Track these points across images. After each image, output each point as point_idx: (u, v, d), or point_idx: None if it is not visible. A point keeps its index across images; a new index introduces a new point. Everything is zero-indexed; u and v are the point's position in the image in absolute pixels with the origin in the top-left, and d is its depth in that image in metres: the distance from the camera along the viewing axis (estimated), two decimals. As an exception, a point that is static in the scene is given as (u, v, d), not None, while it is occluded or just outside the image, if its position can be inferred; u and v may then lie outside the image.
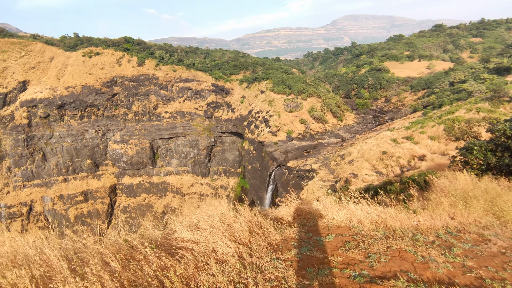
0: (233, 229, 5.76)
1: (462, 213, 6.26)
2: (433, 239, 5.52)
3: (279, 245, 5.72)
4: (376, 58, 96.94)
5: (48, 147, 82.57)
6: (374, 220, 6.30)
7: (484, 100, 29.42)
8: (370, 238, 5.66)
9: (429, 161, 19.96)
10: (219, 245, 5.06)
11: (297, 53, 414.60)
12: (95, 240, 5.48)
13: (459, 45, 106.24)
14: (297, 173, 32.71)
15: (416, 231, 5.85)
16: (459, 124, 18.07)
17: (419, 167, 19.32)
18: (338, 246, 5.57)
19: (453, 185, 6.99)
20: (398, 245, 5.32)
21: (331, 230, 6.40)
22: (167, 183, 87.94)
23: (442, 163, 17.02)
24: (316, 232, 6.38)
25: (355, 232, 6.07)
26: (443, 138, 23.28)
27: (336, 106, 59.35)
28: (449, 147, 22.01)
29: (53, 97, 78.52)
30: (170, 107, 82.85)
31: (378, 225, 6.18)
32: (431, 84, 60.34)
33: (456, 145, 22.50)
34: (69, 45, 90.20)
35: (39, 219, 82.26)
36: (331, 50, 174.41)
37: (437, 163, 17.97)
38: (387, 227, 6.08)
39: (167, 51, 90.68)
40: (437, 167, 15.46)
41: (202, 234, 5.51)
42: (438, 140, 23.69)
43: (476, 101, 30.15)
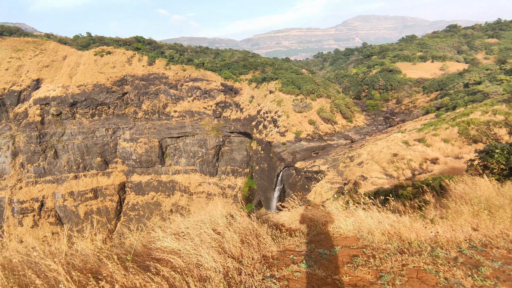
0: (224, 238, 5.17)
1: (486, 224, 5.57)
2: (455, 255, 4.82)
3: (276, 259, 5.07)
4: (388, 59, 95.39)
5: (60, 144, 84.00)
6: (386, 231, 5.65)
7: (501, 102, 28.31)
8: (382, 253, 4.98)
9: (442, 165, 19.27)
10: (204, 259, 4.40)
11: (307, 54, 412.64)
12: (54, 250, 4.59)
13: (474, 46, 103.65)
14: (305, 175, 32.25)
15: (435, 244, 5.18)
16: (477, 126, 17.15)
17: (431, 170, 18.66)
18: (344, 261, 4.91)
19: (473, 191, 6.37)
20: (415, 262, 4.61)
21: (337, 240, 5.80)
22: (175, 182, 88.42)
23: (457, 166, 16.37)
24: (320, 243, 5.75)
25: (364, 244, 5.44)
26: (457, 140, 22.43)
27: (345, 107, 58.53)
28: (464, 150, 21.25)
29: (65, 95, 79.82)
30: (179, 106, 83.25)
31: (391, 236, 5.54)
32: (445, 85, 58.89)
33: (471, 148, 21.73)
34: (81, 44, 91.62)
35: (50, 214, 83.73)
36: (341, 50, 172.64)
37: (451, 166, 17.29)
38: (401, 239, 5.43)
39: (177, 51, 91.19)
40: (451, 171, 14.83)
41: (187, 243, 4.86)
42: (452, 143, 22.90)
43: (492, 103, 29.06)
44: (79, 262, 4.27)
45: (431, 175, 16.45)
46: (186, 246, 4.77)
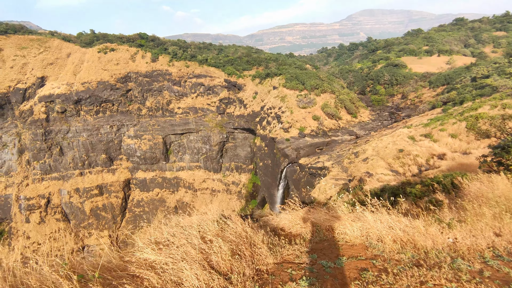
0: (212, 250, 4.52)
1: (510, 228, 4.93)
2: (480, 267, 4.15)
3: (271, 274, 4.39)
4: (393, 53, 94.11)
5: (65, 142, 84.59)
6: (398, 237, 5.03)
7: (511, 95, 27.64)
8: (395, 265, 4.29)
9: (449, 160, 18.82)
10: (185, 276, 3.76)
11: (311, 49, 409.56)
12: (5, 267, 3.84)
13: (481, 39, 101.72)
14: (309, 171, 31.92)
15: (454, 253, 4.49)
16: (491, 120, 16.43)
17: (439, 166, 18.24)
18: (351, 277, 4.20)
19: (490, 190, 5.75)
20: (435, 279, 3.87)
21: (343, 249, 5.17)
22: (179, 178, 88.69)
23: (465, 162, 15.94)
24: (323, 253, 5.14)
25: (374, 254, 4.79)
26: (468, 135, 21.84)
27: (350, 102, 57.89)
28: (472, 146, 20.76)
29: (69, 93, 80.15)
30: (183, 103, 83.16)
31: (404, 244, 4.88)
32: (451, 79, 57.87)
33: (480, 144, 21.23)
34: (85, 42, 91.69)
35: (56, 211, 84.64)
36: (346, 45, 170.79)
37: (459, 162, 16.84)
38: (415, 247, 4.75)
39: (181, 47, 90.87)
40: (460, 167, 14.43)
41: (169, 256, 4.21)
42: (460, 138, 22.38)
43: (501, 96, 28.32)
44: (35, 282, 3.63)
45: (439, 171, 16.06)
46: (167, 260, 4.14)
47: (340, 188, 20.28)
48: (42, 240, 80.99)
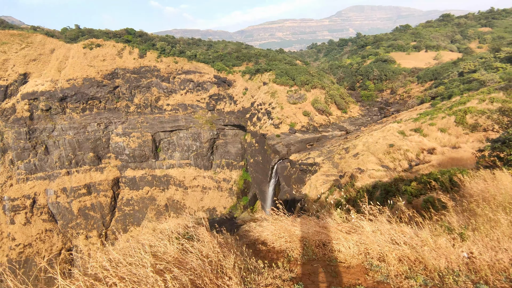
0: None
1: None
2: None
3: None
4: (382, 49, 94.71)
5: (51, 140, 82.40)
6: (404, 255, 4.10)
7: (498, 89, 27.87)
8: None
9: (439, 155, 18.83)
10: None
11: (301, 45, 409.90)
12: None
13: (467, 35, 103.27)
14: (300, 167, 31.71)
15: (475, 275, 3.56)
16: (489, 113, 16.21)
17: (429, 161, 18.23)
18: None
19: (497, 189, 5.02)
20: None
21: (337, 274, 4.24)
22: (169, 176, 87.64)
23: (455, 157, 15.92)
24: (311, 280, 4.16)
25: (377, 281, 3.86)
26: (464, 131, 21.84)
27: (340, 98, 57.96)
28: (461, 140, 20.84)
29: (54, 90, 77.91)
30: (172, 100, 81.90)
31: (412, 264, 3.96)
32: (439, 74, 58.53)
33: (469, 138, 21.33)
34: (70, 37, 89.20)
35: (42, 211, 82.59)
36: (335, 41, 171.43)
37: (450, 157, 16.82)
38: (426, 268, 3.85)
39: (169, 43, 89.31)
40: (451, 162, 14.37)
41: None
42: (449, 132, 22.44)
43: (489, 90, 28.55)
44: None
45: (429, 166, 16.00)
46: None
47: (331, 185, 20.11)
48: (28, 242, 79.04)
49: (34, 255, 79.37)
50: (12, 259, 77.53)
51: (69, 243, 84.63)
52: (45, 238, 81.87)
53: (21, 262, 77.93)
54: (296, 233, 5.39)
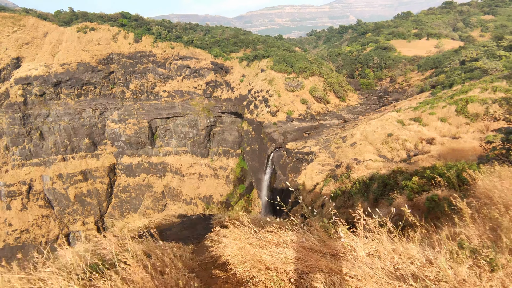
0: None
1: None
2: None
3: None
4: (382, 36, 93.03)
5: (45, 126, 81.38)
6: None
7: (501, 78, 27.19)
8: None
9: (438, 145, 18.34)
10: None
11: (301, 32, 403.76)
12: None
13: (469, 23, 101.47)
14: (296, 156, 31.25)
15: None
16: (501, 101, 15.26)
17: (428, 151, 17.75)
18: None
19: None
20: None
21: None
22: (166, 163, 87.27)
23: (456, 147, 15.43)
24: None
25: None
26: (456, 119, 21.27)
27: (339, 86, 57.05)
28: (461, 130, 20.34)
29: (48, 75, 76.33)
30: (169, 86, 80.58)
31: None
32: (440, 63, 57.51)
33: (469, 128, 20.80)
34: (63, 20, 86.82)
35: (39, 197, 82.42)
36: (335, 28, 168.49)
37: (450, 147, 16.31)
38: None
39: (166, 28, 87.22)
40: (451, 153, 13.88)
41: None
42: (449, 122, 21.90)
43: (492, 79, 27.84)
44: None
45: (428, 156, 15.52)
46: None
47: (327, 175, 19.66)
48: (25, 227, 79.13)
49: (31, 240, 79.69)
50: (9, 244, 77.83)
51: (66, 229, 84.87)
52: (41, 224, 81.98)
53: (18, 248, 78.30)
54: (263, 258, 3.90)
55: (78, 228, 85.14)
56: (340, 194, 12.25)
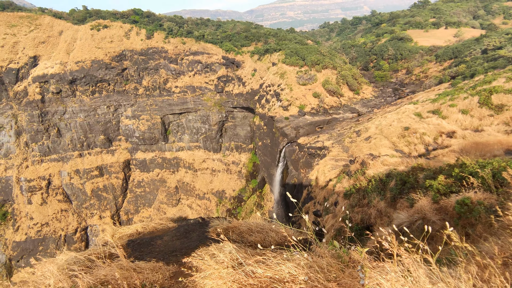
0: None
1: None
2: None
3: None
4: (398, 26, 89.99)
5: (62, 123, 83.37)
6: None
7: (529, 67, 25.62)
8: None
9: (460, 139, 17.33)
10: None
11: (313, 24, 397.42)
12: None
13: (491, 10, 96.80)
14: (308, 151, 30.54)
15: None
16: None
17: (448, 145, 16.79)
18: None
19: None
20: None
21: None
22: (179, 159, 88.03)
23: (480, 141, 14.46)
24: None
25: None
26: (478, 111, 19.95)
27: (352, 79, 55.59)
28: (484, 122, 19.18)
29: (63, 72, 77.88)
30: (180, 82, 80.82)
31: None
32: (460, 53, 55.03)
33: (493, 120, 19.60)
34: (78, 18, 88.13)
35: (57, 192, 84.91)
36: (349, 20, 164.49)
37: (473, 141, 15.27)
38: None
39: (177, 23, 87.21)
40: (475, 147, 12.98)
41: None
42: (471, 114, 20.66)
43: (518, 68, 26.32)
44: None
45: (449, 151, 14.62)
46: None
47: (340, 171, 18.94)
48: (45, 221, 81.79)
49: (51, 233, 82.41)
50: (31, 237, 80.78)
51: (84, 223, 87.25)
52: (61, 217, 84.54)
53: (39, 240, 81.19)
54: None
55: (95, 222, 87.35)
56: (354, 192, 11.63)
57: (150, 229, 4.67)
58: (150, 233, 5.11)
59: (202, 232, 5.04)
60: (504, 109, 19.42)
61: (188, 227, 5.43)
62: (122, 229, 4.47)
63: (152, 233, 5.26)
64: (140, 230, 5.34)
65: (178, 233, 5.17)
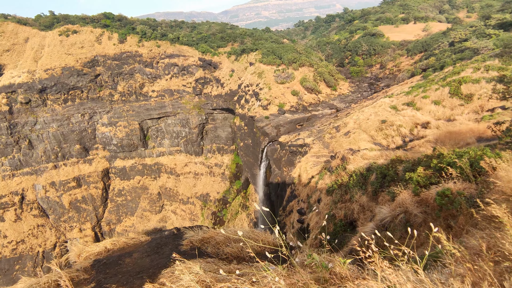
0: None
1: None
2: None
3: None
4: (370, 23, 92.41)
5: (34, 134, 79.54)
6: None
7: (493, 57, 26.80)
8: None
9: (434, 129, 17.91)
10: None
11: (288, 24, 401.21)
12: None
13: (455, 4, 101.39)
14: (290, 149, 30.66)
15: None
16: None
17: (424, 135, 17.30)
18: None
19: None
20: None
21: None
22: (160, 164, 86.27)
23: (453, 130, 14.96)
24: None
25: None
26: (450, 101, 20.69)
27: (329, 75, 56.45)
28: (456, 112, 19.92)
29: (32, 81, 74.31)
30: (157, 86, 79.19)
31: None
32: (429, 46, 57.18)
33: (464, 109, 20.37)
34: (44, 25, 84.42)
35: (32, 207, 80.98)
36: (323, 18, 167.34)
37: (446, 130, 15.80)
38: None
39: (150, 26, 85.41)
40: (449, 136, 13.39)
41: None
42: (443, 104, 21.42)
43: (484, 58, 27.41)
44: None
45: (425, 141, 15.06)
46: None
47: (322, 167, 19.10)
48: (21, 238, 77.80)
49: (28, 251, 78.51)
50: (6, 256, 76.62)
51: (63, 237, 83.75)
52: (37, 233, 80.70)
53: (15, 259, 77.13)
54: None
55: (75, 235, 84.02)
56: (336, 187, 11.69)
57: (121, 245, 4.35)
58: (120, 249, 4.76)
59: (176, 245, 4.73)
60: (473, 98, 20.33)
61: (161, 240, 5.08)
62: (90, 247, 4.12)
63: (123, 249, 4.90)
64: (109, 247, 4.98)
65: (149, 248, 4.82)
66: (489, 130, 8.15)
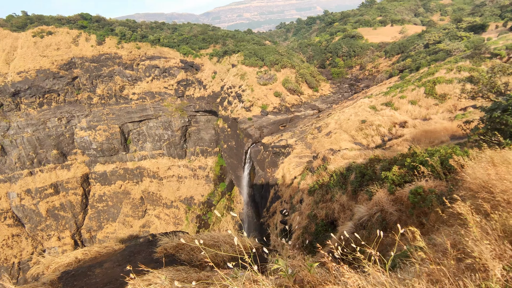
0: None
1: None
2: None
3: None
4: (349, 25, 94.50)
5: (7, 140, 76.10)
6: None
7: (465, 58, 28.10)
8: None
9: (411, 128, 18.52)
10: None
11: (270, 25, 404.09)
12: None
13: (429, 8, 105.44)
14: (273, 150, 30.82)
15: None
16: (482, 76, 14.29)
17: (401, 134, 17.86)
18: None
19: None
20: None
21: None
22: (142, 168, 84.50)
23: (428, 129, 15.52)
24: None
25: None
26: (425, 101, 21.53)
27: (311, 76, 57.21)
28: (431, 111, 20.70)
29: (4, 84, 71.13)
30: (138, 88, 77.61)
31: None
32: (405, 48, 59.12)
33: (438, 109, 21.15)
34: (16, 25, 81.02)
35: (6, 216, 77.40)
36: (304, 20, 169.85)
37: (423, 130, 16.40)
38: None
39: (130, 28, 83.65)
40: (425, 135, 13.90)
41: None
42: (419, 104, 22.23)
43: (456, 60, 28.72)
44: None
45: (403, 140, 15.54)
46: None
47: (304, 168, 19.35)
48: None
49: (2, 262, 74.93)
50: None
51: (40, 246, 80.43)
52: (12, 243, 77.18)
53: (-12, 272, 73.45)
54: None
55: (53, 244, 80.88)
56: (317, 188, 11.87)
57: (93, 254, 4.16)
58: (92, 259, 4.56)
59: (149, 253, 4.59)
60: (447, 98, 21.20)
61: (135, 248, 4.91)
62: (60, 258, 3.90)
63: (95, 259, 4.69)
64: (80, 257, 4.75)
65: (122, 257, 4.65)
66: (460, 129, 8.59)
